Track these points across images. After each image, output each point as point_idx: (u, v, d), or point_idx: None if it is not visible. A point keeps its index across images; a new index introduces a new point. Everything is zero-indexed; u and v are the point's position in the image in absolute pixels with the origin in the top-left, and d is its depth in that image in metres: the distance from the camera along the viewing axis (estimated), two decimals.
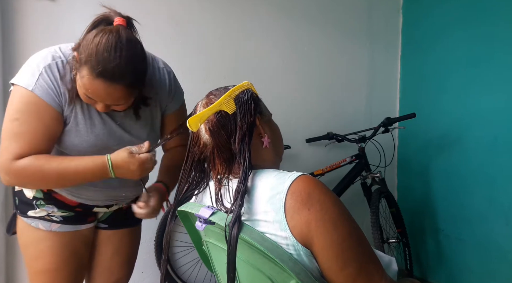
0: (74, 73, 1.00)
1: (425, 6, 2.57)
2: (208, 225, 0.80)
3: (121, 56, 0.92)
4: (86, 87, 0.97)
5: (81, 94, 1.01)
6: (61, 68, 1.04)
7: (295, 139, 2.36)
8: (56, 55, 1.05)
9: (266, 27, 2.30)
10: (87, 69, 0.93)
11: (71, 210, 1.17)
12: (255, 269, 0.77)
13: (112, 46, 0.92)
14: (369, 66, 2.70)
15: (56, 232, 1.15)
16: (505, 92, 2.07)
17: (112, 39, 0.92)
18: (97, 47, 0.91)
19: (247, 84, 0.87)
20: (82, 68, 0.94)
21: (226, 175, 0.83)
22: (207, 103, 0.85)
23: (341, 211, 0.74)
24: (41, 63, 1.03)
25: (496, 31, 2.11)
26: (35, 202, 1.14)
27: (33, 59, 1.05)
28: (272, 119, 0.94)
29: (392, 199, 2.31)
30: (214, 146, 0.83)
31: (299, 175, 0.75)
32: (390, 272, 0.86)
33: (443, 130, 2.43)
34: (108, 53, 0.91)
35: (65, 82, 1.03)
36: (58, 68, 1.03)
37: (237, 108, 0.83)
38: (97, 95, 0.98)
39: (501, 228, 2.09)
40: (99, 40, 0.92)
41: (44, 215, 1.14)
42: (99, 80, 0.93)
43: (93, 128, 1.09)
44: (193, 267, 2.16)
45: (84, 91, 0.98)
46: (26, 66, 1.04)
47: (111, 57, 0.91)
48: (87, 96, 0.99)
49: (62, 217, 1.16)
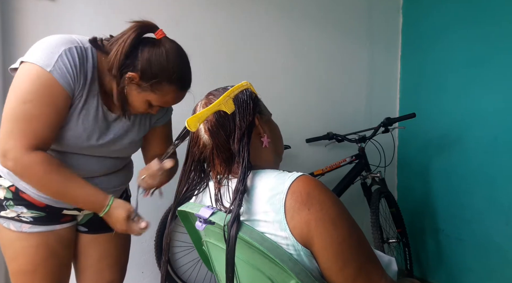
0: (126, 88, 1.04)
1: (425, 6, 2.57)
2: (208, 225, 0.80)
3: (188, 65, 1.09)
4: (166, 100, 1.07)
5: (143, 107, 1.08)
6: (80, 54, 1.00)
7: (295, 139, 2.36)
8: (75, 40, 1.01)
9: (266, 27, 2.30)
10: (171, 85, 1.04)
11: (41, 211, 1.12)
12: (255, 269, 0.77)
13: (182, 59, 1.06)
14: (369, 66, 2.70)
15: (28, 233, 1.10)
16: (505, 92, 2.07)
17: (176, 52, 1.05)
18: (173, 63, 1.03)
19: (246, 84, 0.87)
20: (161, 85, 1.03)
21: (226, 175, 0.83)
22: (206, 103, 0.85)
23: (341, 211, 0.74)
24: (61, 45, 0.98)
25: (497, 31, 2.11)
26: (5, 203, 1.10)
27: (51, 40, 0.99)
28: (272, 119, 0.94)
29: (392, 199, 2.31)
30: (214, 146, 0.83)
31: (299, 175, 0.75)
32: (390, 272, 0.86)
33: (443, 130, 2.43)
34: (181, 65, 1.06)
35: (84, 71, 1.01)
36: (78, 54, 0.99)
37: (236, 108, 0.82)
38: (170, 103, 1.11)
39: (501, 228, 2.09)
40: (171, 57, 1.03)
41: (14, 216, 1.10)
42: (182, 92, 1.10)
43: (85, 120, 1.06)
44: (193, 267, 2.16)
45: (158, 103, 1.07)
46: (42, 45, 0.98)
47: (185, 68, 1.07)
48: (150, 106, 1.09)
49: (32, 218, 1.10)
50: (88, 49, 1.03)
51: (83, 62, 1.01)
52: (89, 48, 1.03)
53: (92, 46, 1.04)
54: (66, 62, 0.97)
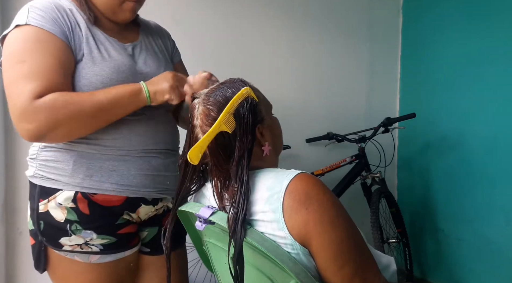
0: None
1: (425, 6, 2.56)
2: (208, 225, 0.80)
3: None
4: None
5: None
6: (57, 5, 0.95)
7: (295, 139, 2.36)
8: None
9: (266, 27, 2.30)
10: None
11: (112, 234, 0.99)
12: (255, 269, 0.77)
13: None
14: (369, 66, 2.70)
15: (97, 264, 0.98)
16: (505, 92, 2.07)
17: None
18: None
19: (246, 92, 0.81)
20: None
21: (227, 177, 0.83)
22: (206, 115, 0.81)
23: (339, 211, 0.74)
24: (41, 2, 0.94)
25: (497, 31, 2.10)
26: (69, 227, 0.94)
27: (28, 4, 0.94)
28: (272, 112, 0.92)
29: (392, 199, 2.31)
30: (213, 163, 0.82)
31: (297, 173, 0.74)
32: (389, 272, 0.86)
33: (443, 130, 2.43)
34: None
35: (75, 13, 0.97)
36: (55, 5, 0.95)
37: (236, 125, 0.79)
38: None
39: (501, 228, 2.09)
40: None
41: (81, 243, 0.95)
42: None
43: (110, 58, 0.98)
44: (193, 267, 2.16)
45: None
46: (21, 10, 0.93)
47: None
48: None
49: (102, 245, 0.97)
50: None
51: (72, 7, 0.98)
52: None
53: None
54: (50, 11, 0.93)
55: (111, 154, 0.98)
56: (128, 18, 1.03)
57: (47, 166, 0.97)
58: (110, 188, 0.97)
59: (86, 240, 0.96)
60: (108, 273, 0.99)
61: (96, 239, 0.96)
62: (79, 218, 0.95)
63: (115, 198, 0.98)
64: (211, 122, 0.79)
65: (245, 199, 0.74)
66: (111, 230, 0.99)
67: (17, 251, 1.75)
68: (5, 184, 1.70)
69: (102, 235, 0.97)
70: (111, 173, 0.97)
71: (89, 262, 0.97)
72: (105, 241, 0.98)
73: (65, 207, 0.94)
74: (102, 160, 0.97)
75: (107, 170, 0.97)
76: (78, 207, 0.95)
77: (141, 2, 1.04)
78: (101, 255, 0.98)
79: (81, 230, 0.95)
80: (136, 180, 1.00)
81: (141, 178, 1.01)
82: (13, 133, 1.71)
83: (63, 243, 0.95)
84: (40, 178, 0.97)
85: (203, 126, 0.81)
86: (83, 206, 0.95)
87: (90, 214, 0.96)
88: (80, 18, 0.98)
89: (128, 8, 1.00)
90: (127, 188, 0.99)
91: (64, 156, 0.96)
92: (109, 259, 0.99)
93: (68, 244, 0.95)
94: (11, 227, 1.74)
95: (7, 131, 1.70)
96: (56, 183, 0.95)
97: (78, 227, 0.95)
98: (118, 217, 1.01)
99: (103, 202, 0.97)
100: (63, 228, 0.94)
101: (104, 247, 0.98)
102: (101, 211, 0.97)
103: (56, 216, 0.94)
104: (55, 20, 0.92)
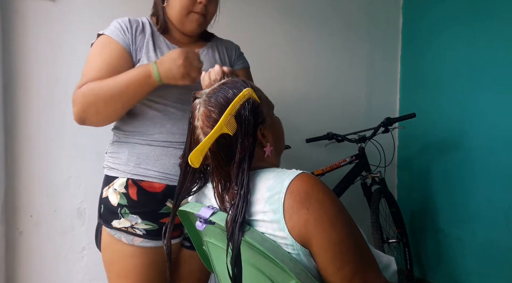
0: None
1: (426, 6, 2.57)
2: (208, 225, 0.80)
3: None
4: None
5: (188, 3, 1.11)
6: (133, 20, 1.16)
7: (295, 139, 2.36)
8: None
9: (266, 27, 2.30)
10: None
11: (154, 221, 1.09)
12: (255, 269, 0.77)
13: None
14: (369, 66, 2.70)
15: (141, 249, 1.08)
16: (505, 92, 2.07)
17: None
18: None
19: (248, 92, 0.81)
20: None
21: (227, 179, 0.83)
22: (207, 117, 0.81)
23: (340, 211, 0.74)
24: (122, 18, 1.15)
25: (497, 31, 2.10)
26: (119, 210, 1.08)
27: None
28: (273, 112, 0.92)
29: (392, 199, 2.31)
30: (214, 165, 0.82)
31: (298, 174, 0.74)
32: (389, 272, 0.86)
33: (443, 130, 2.43)
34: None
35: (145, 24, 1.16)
36: (130, 19, 1.15)
37: (238, 127, 0.78)
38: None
39: (501, 228, 2.09)
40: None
41: (128, 226, 1.08)
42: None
43: None
44: None
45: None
46: None
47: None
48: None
49: (145, 230, 1.08)
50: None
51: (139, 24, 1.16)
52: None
53: None
54: (118, 25, 1.12)
55: (156, 145, 1.11)
56: (195, 29, 1.17)
57: (111, 157, 1.15)
58: (153, 175, 1.10)
59: (132, 224, 1.08)
60: (151, 260, 1.09)
61: (140, 224, 1.08)
62: (128, 202, 1.08)
63: (157, 185, 1.10)
64: (212, 123, 0.79)
65: (245, 202, 0.74)
66: (154, 217, 1.09)
67: (17, 251, 1.75)
68: (5, 184, 1.70)
69: (146, 220, 1.08)
70: (156, 162, 1.11)
71: (133, 244, 1.08)
72: (148, 227, 1.09)
73: (118, 192, 1.09)
74: (149, 150, 1.11)
75: (153, 159, 1.11)
76: (128, 192, 1.09)
77: (207, 17, 1.17)
78: (144, 239, 1.08)
79: (129, 214, 1.08)
80: (175, 169, 1.09)
81: (178, 168, 1.06)
82: (13, 133, 1.71)
83: (114, 226, 1.09)
84: (106, 168, 1.15)
85: (204, 128, 0.81)
86: (132, 192, 1.09)
87: (137, 200, 1.08)
88: (148, 28, 1.16)
89: (194, 19, 1.13)
90: (167, 176, 1.10)
91: (121, 148, 1.13)
92: (150, 245, 1.09)
93: (117, 227, 1.08)
94: (11, 227, 1.74)
95: (7, 131, 1.70)
96: (115, 171, 1.12)
97: (127, 211, 1.08)
98: (161, 206, 1.11)
99: (148, 188, 1.09)
100: (115, 211, 1.08)
101: (146, 232, 1.08)
102: (146, 198, 1.09)
103: (112, 200, 1.09)
104: (122, 30, 1.11)
